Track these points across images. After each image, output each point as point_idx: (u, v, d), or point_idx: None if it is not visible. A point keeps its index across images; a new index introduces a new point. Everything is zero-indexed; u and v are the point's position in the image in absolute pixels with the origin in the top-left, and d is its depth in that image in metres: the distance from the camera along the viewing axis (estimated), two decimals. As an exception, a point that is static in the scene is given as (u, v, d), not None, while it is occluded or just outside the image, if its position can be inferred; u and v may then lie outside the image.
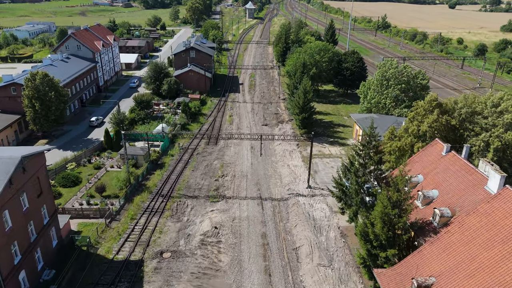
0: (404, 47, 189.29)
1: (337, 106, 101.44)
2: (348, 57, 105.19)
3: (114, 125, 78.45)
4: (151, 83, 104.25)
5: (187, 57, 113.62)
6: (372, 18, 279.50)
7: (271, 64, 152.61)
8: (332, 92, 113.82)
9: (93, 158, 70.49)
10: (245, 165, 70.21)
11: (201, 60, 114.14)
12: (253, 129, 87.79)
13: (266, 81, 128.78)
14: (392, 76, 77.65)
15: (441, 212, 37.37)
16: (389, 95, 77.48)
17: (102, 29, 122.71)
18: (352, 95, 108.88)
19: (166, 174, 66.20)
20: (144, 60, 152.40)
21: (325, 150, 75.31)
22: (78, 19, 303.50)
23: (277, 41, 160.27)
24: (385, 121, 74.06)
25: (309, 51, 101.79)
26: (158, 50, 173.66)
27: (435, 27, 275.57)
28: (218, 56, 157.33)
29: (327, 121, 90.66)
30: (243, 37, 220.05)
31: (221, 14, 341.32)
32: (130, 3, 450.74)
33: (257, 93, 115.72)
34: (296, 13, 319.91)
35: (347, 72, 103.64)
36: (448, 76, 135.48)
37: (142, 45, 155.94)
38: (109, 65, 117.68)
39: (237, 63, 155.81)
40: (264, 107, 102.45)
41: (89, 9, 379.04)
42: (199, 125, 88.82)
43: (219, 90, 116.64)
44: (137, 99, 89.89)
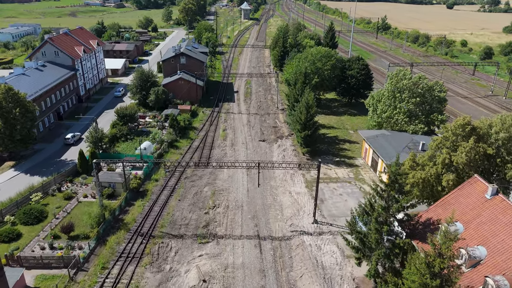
0: (407, 50, 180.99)
1: (341, 118, 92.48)
2: (353, 64, 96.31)
3: (91, 144, 69.00)
4: (137, 93, 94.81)
5: (177, 64, 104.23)
6: (371, 19, 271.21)
7: (268, 69, 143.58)
8: (335, 102, 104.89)
9: (65, 185, 61.01)
10: (241, 192, 61.05)
11: (192, 67, 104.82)
12: (249, 145, 78.64)
13: (263, 89, 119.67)
14: (406, 88, 68.83)
15: (497, 284, 28.43)
16: (402, 109, 68.63)
17: (84, 33, 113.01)
18: (357, 105, 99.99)
19: (148, 205, 56.89)
20: (132, 65, 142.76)
21: (331, 173, 66.27)
22: (67, 20, 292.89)
23: (274, 44, 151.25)
24: (398, 139, 65.30)
25: (310, 57, 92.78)
26: (148, 54, 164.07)
27: (435, 28, 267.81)
28: (211, 61, 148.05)
29: (331, 137, 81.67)
30: (239, 39, 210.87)
31: (215, 14, 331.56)
32: (122, 3, 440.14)
33: (254, 102, 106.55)
34: (292, 14, 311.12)
35: (351, 81, 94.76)
36: (457, 83, 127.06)
37: (130, 49, 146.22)
38: (92, 72, 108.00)
39: (232, 68, 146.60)
40: (261, 119, 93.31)
41: (79, 10, 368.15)
42: (188, 141, 79.50)
43: (212, 99, 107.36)
44: (120, 113, 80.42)
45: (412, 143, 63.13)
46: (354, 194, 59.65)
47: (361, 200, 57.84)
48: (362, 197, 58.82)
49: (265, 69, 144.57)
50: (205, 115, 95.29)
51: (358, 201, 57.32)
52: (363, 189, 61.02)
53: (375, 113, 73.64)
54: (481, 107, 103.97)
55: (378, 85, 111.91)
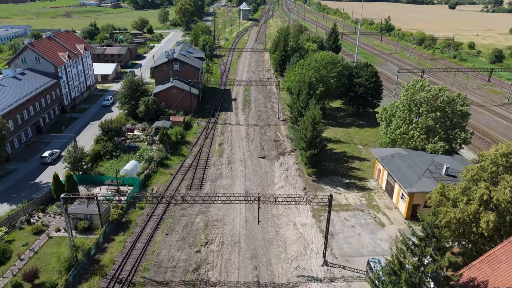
0: (413, 53, 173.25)
1: (348, 130, 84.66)
2: (360, 70, 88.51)
3: (70, 165, 61.16)
4: (125, 103, 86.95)
5: (170, 71, 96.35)
6: (374, 20, 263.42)
7: (268, 74, 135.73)
8: (341, 111, 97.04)
9: (36, 215, 53.17)
10: (238, 223, 53.23)
11: (186, 74, 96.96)
12: (248, 163, 70.80)
13: (262, 96, 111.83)
14: (424, 101, 61.04)
15: None
16: (420, 125, 60.82)
17: (70, 37, 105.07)
18: (365, 115, 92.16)
19: (131, 241, 49.05)
20: (124, 69, 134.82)
21: (341, 198, 58.44)
22: (61, 21, 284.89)
23: (274, 47, 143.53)
24: (417, 160, 57.53)
25: (314, 64, 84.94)
26: (142, 57, 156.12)
27: (440, 29, 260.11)
28: (208, 65, 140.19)
29: (339, 152, 73.85)
30: (237, 41, 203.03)
31: (214, 15, 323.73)
32: (119, 3, 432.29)
33: (253, 111, 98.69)
34: (293, 15, 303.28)
35: (359, 89, 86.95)
36: (470, 89, 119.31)
37: (122, 53, 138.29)
38: (78, 79, 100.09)
39: (230, 72, 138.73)
40: (261, 131, 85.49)
41: (74, 10, 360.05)
42: (180, 159, 71.59)
43: (208, 108, 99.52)
44: (104, 127, 72.51)
45: (433, 166, 55.35)
46: (368, 226, 51.86)
47: (376, 233, 50.17)
48: (377, 229, 51.08)
49: (265, 74, 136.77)
50: (200, 126, 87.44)
51: (373, 235, 49.76)
52: (378, 220, 53.23)
53: (388, 128, 65.83)
54: (499, 117, 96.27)
55: (386, 92, 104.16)
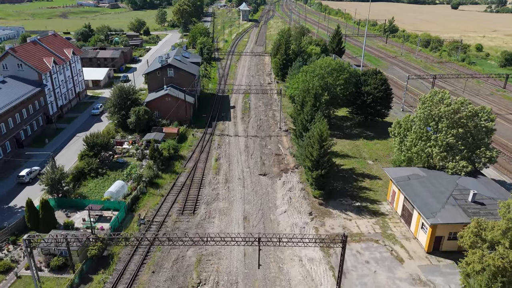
0: (419, 55, 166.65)
1: (356, 143, 78.10)
2: (369, 78, 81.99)
3: (47, 187, 54.74)
4: (115, 113, 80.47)
5: (164, 77, 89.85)
6: (377, 21, 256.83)
7: (269, 79, 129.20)
8: (347, 120, 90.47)
9: (5, 247, 46.71)
10: (235, 258, 46.69)
11: (181, 81, 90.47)
12: (247, 181, 64.32)
13: (263, 103, 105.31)
14: (444, 116, 54.53)
15: None
16: (439, 142, 54.30)
17: (58, 40, 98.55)
18: (373, 126, 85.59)
19: (111, 281, 42.53)
20: (118, 74, 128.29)
21: (352, 226, 51.93)
22: (57, 22, 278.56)
23: (275, 50, 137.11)
24: (438, 183, 51.04)
25: (319, 71, 78.39)
26: (137, 61, 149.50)
27: (444, 30, 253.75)
28: (206, 69, 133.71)
29: (347, 169, 67.29)
30: (237, 43, 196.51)
31: (213, 16, 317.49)
32: (117, 4, 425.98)
33: (253, 120, 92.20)
34: (294, 15, 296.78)
35: (368, 98, 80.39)
36: (482, 95, 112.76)
37: (116, 56, 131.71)
38: (66, 86, 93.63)
39: (229, 77, 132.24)
40: (261, 144, 78.99)
41: (71, 11, 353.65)
42: (173, 177, 65.09)
43: (204, 117, 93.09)
44: (89, 142, 66.00)
45: (457, 191, 48.85)
46: (384, 261, 45.33)
47: (395, 271, 43.63)
48: (395, 266, 44.55)
49: (265, 79, 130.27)
50: (195, 138, 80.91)
51: (391, 273, 43.22)
52: (395, 253, 46.70)
53: (402, 145, 59.28)
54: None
55: (395, 99, 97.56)
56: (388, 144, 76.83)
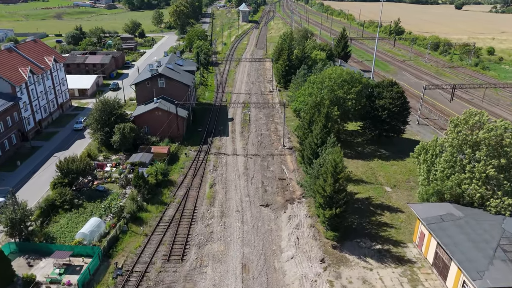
0: (430, 60, 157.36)
1: (370, 164, 68.90)
2: (384, 90, 72.80)
3: (7, 229, 45.67)
4: (98, 130, 71.33)
5: (154, 88, 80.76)
6: (382, 22, 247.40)
7: (270, 86, 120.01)
8: (357, 135, 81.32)
9: None
10: (232, 325, 37.59)
11: (174, 92, 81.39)
12: (247, 214, 55.23)
13: (264, 114, 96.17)
14: (483, 143, 45.36)
15: None
16: (476, 174, 45.14)
17: (38, 47, 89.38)
18: (388, 143, 76.37)
19: None
20: (108, 81, 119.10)
21: (372, 278, 42.69)
22: (51, 23, 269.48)
23: (276, 55, 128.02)
24: (479, 227, 41.96)
25: (328, 83, 69.17)
26: (129, 66, 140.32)
27: (451, 31, 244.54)
28: (203, 76, 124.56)
29: (363, 199, 58.14)
30: (236, 45, 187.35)
31: (211, 17, 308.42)
32: (114, 4, 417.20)
33: (253, 136, 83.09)
34: (295, 16, 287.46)
35: (383, 113, 71.18)
36: (502, 105, 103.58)
37: (105, 62, 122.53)
38: (46, 98, 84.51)
39: (227, 84, 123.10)
40: (262, 165, 69.89)
41: (66, 11, 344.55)
42: (160, 208, 55.99)
43: (200, 132, 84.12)
44: (63, 168, 56.90)
45: (506, 239, 39.70)
46: (418, 332, 36.20)
47: None
48: None
49: (266, 86, 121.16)
50: (188, 158, 71.77)
51: None
52: (431, 320, 37.62)
53: (430, 175, 50.10)
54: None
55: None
56: (407, 166, 67.73)
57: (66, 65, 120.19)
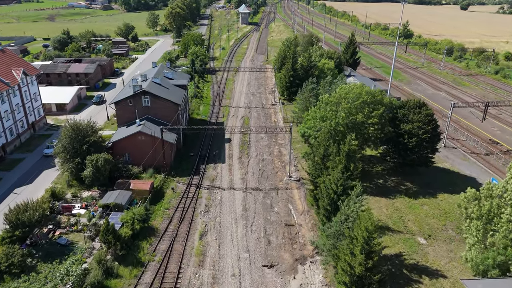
0: (445, 67, 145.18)
1: (395, 203, 56.86)
2: (410, 112, 60.76)
3: None
4: (67, 161, 59.38)
5: (137, 108, 68.83)
6: (389, 25, 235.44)
7: (272, 98, 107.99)
8: (376, 162, 69.20)
9: None
10: None
11: (161, 111, 69.52)
12: (246, 281, 43.18)
13: (266, 134, 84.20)
14: None
15: None
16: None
17: (5, 58, 77.25)
18: (412, 173, 64.35)
19: None
20: (92, 93, 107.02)
21: None
22: (42, 26, 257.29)
23: (279, 63, 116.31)
24: None
25: (345, 105, 57.13)
26: (119, 74, 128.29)
27: (463, 34, 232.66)
28: (198, 87, 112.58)
29: (392, 256, 46.02)
30: (235, 50, 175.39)
31: (210, 18, 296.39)
32: (110, 5, 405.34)
33: (253, 162, 71.14)
34: (297, 18, 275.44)
35: (410, 141, 59.13)
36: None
37: (90, 71, 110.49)
38: (12, 118, 72.56)
39: (225, 95, 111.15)
40: (264, 203, 57.96)
41: (60, 13, 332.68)
42: (135, 272, 43.85)
43: (191, 156, 72.27)
44: (12, 220, 44.86)
45: None
46: None
47: None
48: None
49: (268, 98, 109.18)
50: (175, 195, 59.76)
51: None
52: None
53: (489, 237, 38.10)
54: None
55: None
56: (440, 206, 55.84)
57: (46, 75, 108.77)
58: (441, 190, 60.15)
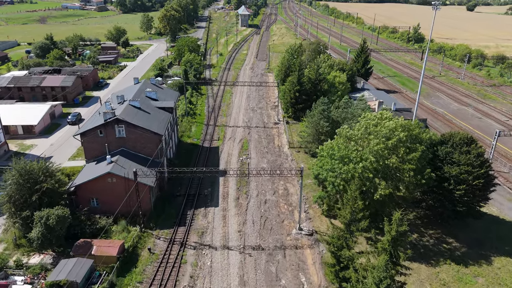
0: (465, 76, 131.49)
1: (439, 274, 43.15)
2: (455, 151, 47.23)
3: None
4: (14, 214, 45.91)
5: (109, 140, 55.33)
6: (398, 28, 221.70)
7: (275, 115, 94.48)
8: (405, 205, 55.54)
9: None
10: None
11: (139, 143, 56.09)
12: None
13: (268, 162, 70.69)
14: None
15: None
16: None
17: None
18: (458, 225, 50.81)
19: None
20: (69, 110, 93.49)
21: None
22: (31, 29, 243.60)
23: (282, 74, 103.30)
24: None
25: (375, 146, 43.50)
26: (103, 86, 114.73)
27: (475, 38, 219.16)
28: (190, 102, 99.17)
29: None
30: (234, 56, 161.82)
31: (208, 20, 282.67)
32: (105, 6, 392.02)
33: (253, 205, 57.64)
34: (299, 19, 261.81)
35: (457, 188, 45.60)
36: None
37: (68, 84, 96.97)
38: (-43, 150, 59.12)
39: (221, 111, 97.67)
40: (268, 272, 44.46)
41: (52, 14, 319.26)
42: None
43: (177, 197, 58.83)
44: None
45: None
46: None
47: None
48: None
49: (270, 114, 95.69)
50: (152, 258, 46.22)
51: None
52: None
53: None
54: None
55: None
56: (500, 277, 42.39)
57: (17, 88, 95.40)
58: (497, 251, 46.84)
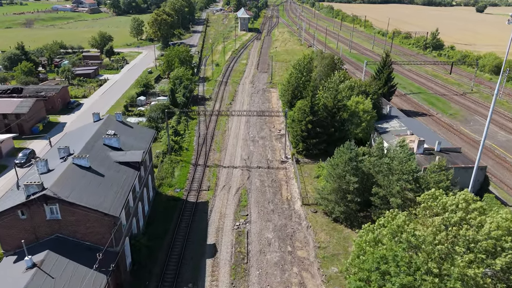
0: (504, 93, 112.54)
1: None
2: None
3: None
4: None
5: (36, 224, 36.54)
6: (411, 33, 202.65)
7: (281, 150, 75.81)
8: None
9: None
10: None
11: (83, 227, 37.34)
12: None
13: (274, 228, 52.06)
14: None
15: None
16: None
17: None
18: None
19: None
20: (23, 143, 74.93)
21: None
22: (14, 34, 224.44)
23: (288, 95, 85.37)
24: None
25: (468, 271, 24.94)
26: (74, 107, 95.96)
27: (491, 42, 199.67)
28: (176, 132, 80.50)
29: None
30: (232, 67, 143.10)
31: (206, 24, 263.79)
32: (98, 8, 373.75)
33: (255, 313, 39.02)
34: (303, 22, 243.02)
35: None
36: None
37: (23, 111, 78.23)
38: None
39: (214, 142, 79.08)
40: None
41: (40, 17, 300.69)
42: None
43: (144, 298, 40.16)
44: None
45: None
46: None
47: None
48: None
49: (275, 147, 77.08)
50: None
51: None
52: None
53: None
54: None
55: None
56: None
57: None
58: None
